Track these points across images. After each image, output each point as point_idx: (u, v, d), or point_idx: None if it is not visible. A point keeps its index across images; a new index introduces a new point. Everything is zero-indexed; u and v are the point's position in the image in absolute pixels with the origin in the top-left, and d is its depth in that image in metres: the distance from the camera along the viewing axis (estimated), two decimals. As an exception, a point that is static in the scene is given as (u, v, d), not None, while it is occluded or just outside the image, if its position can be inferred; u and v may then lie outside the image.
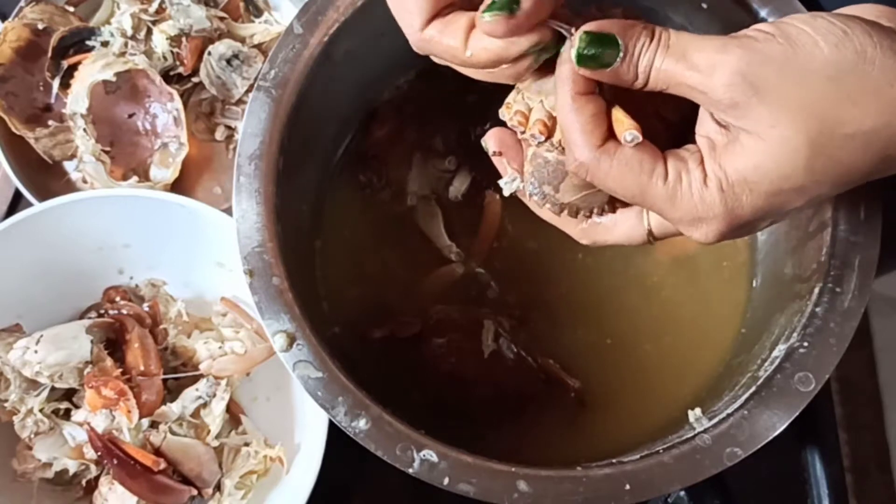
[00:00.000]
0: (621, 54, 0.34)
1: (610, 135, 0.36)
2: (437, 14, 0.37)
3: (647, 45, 0.35)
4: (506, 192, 0.43)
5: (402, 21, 0.38)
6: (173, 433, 0.60)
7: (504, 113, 0.41)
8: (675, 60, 0.34)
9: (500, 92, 0.42)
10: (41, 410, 0.61)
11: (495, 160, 0.43)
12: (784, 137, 0.32)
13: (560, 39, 0.37)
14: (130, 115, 0.71)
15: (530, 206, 0.43)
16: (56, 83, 0.69)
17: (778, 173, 0.33)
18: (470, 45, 0.36)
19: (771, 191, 0.34)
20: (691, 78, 0.34)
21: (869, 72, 0.32)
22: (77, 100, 0.67)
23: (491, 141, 0.42)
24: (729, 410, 0.47)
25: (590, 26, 0.35)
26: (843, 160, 0.33)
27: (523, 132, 0.40)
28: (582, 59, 0.35)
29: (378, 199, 0.63)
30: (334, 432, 0.54)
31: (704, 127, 0.36)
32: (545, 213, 0.43)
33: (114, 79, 0.67)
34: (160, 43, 0.69)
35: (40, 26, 0.68)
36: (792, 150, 0.33)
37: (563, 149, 0.38)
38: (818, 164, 0.33)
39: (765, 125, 0.33)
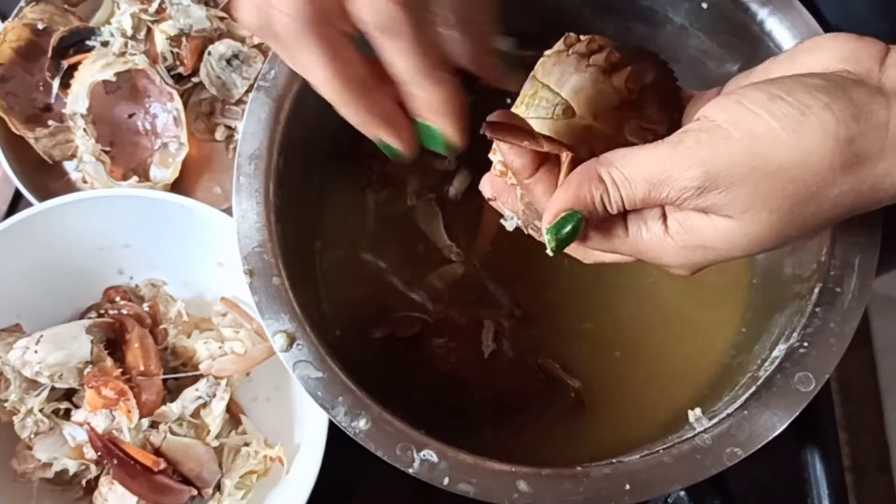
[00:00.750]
0: (584, 222, 0.35)
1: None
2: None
3: (605, 194, 0.35)
4: (509, 228, 0.44)
5: None
6: (173, 433, 0.60)
7: (492, 157, 0.43)
8: (635, 189, 0.34)
9: (501, 92, 0.42)
10: (41, 410, 0.61)
11: (492, 204, 0.44)
12: (756, 218, 0.33)
13: None
14: (130, 115, 0.71)
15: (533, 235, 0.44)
16: (56, 83, 0.69)
17: (748, 246, 0.34)
18: None
19: (738, 254, 0.35)
20: (659, 194, 0.34)
21: (832, 147, 0.32)
22: (77, 100, 0.67)
23: (485, 188, 0.43)
24: (729, 410, 0.47)
25: (546, 219, 0.36)
26: (813, 223, 0.34)
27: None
28: (560, 247, 0.36)
29: (378, 199, 0.63)
30: (334, 432, 0.54)
31: None
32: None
33: (114, 79, 0.67)
34: (161, 43, 0.69)
35: (40, 26, 0.68)
36: (764, 228, 0.33)
37: None
38: (790, 231, 0.34)
39: (737, 211, 0.33)
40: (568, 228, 0.35)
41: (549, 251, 0.36)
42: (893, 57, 0.34)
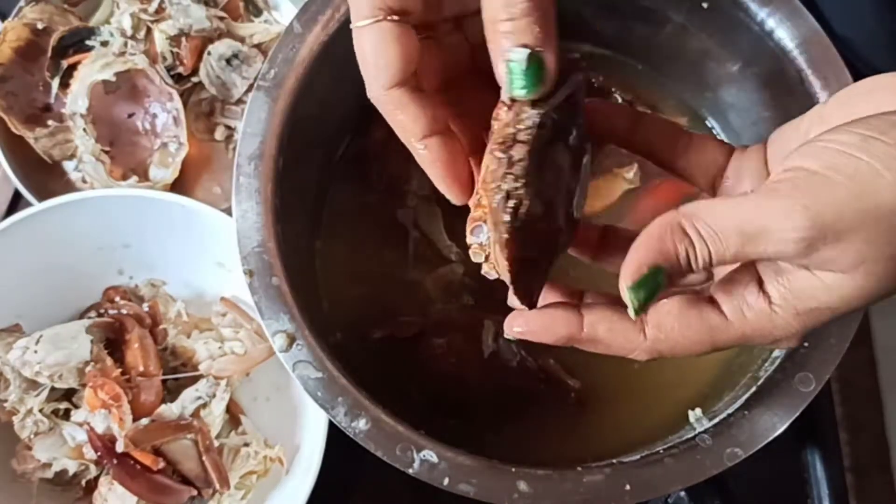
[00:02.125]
0: (666, 280, 0.31)
1: (638, 319, 0.33)
2: (406, 81, 0.34)
3: (690, 248, 0.31)
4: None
5: (367, 69, 0.34)
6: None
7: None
8: (727, 244, 0.30)
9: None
10: (41, 410, 0.60)
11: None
12: (872, 270, 0.29)
13: None
14: (130, 115, 0.71)
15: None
16: (55, 83, 0.68)
17: (865, 300, 0.31)
18: (430, 145, 0.35)
19: (854, 308, 0.32)
20: (755, 248, 0.30)
21: None
22: (76, 99, 0.67)
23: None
24: (729, 411, 0.47)
25: (628, 277, 0.31)
26: None
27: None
28: (642, 308, 0.32)
29: (378, 199, 0.63)
30: (334, 432, 0.54)
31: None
32: None
33: (113, 78, 0.67)
34: (161, 43, 0.69)
35: (40, 26, 0.68)
36: (880, 280, 0.30)
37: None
38: None
39: (849, 265, 0.29)
40: (651, 286, 0.31)
41: (631, 313, 0.32)
42: None
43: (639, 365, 0.59)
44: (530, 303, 0.35)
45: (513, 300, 0.35)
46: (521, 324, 0.35)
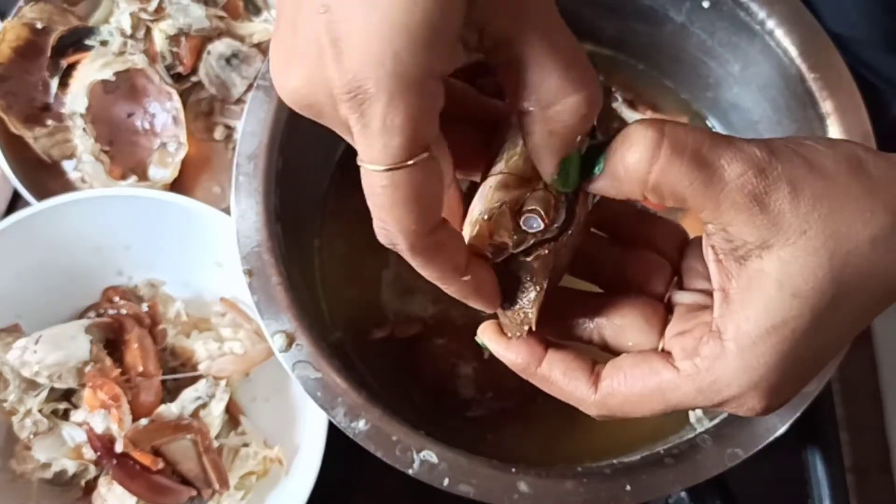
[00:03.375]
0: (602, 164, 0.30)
1: (595, 371, 0.32)
2: (439, 223, 0.29)
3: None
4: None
5: (409, 217, 0.28)
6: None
7: None
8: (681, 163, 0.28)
9: (500, 92, 0.42)
10: (40, 411, 0.60)
11: None
12: (810, 248, 0.28)
13: None
14: (129, 115, 0.71)
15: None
16: (55, 82, 0.68)
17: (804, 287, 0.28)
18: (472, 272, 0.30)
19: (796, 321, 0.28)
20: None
21: (870, 173, 0.29)
22: (76, 99, 0.67)
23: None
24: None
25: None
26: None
27: None
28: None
29: (378, 199, 0.63)
30: (334, 432, 0.54)
31: (714, 280, 0.30)
32: None
33: (113, 78, 0.67)
34: (160, 43, 0.69)
35: (39, 25, 0.68)
36: (818, 263, 0.28)
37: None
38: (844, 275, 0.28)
39: (795, 232, 0.28)
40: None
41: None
42: None
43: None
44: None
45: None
46: (491, 337, 0.34)
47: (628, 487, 0.45)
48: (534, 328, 0.32)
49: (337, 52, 0.25)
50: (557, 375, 0.32)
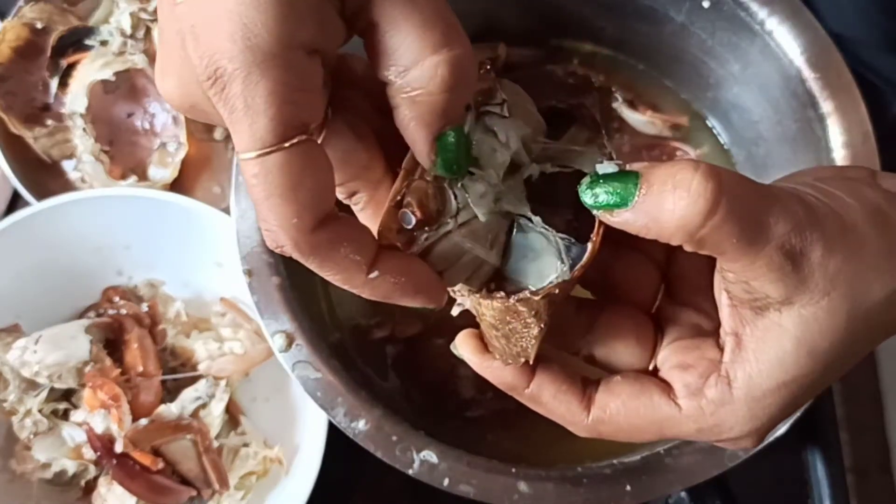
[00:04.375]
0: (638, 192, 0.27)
1: (591, 393, 0.31)
2: (332, 213, 0.26)
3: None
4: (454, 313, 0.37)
5: (282, 210, 0.25)
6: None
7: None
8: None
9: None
10: (40, 411, 0.60)
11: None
12: (832, 309, 0.27)
13: None
14: (129, 115, 0.70)
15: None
16: (55, 82, 0.68)
17: (820, 347, 0.28)
18: (381, 269, 0.27)
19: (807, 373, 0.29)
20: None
21: (892, 228, 0.28)
22: (76, 99, 0.67)
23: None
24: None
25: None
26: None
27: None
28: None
29: (378, 199, 0.63)
30: (334, 433, 0.54)
31: (725, 322, 0.30)
32: None
33: (113, 78, 0.67)
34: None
35: (39, 25, 0.68)
36: (835, 325, 0.28)
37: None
38: (858, 334, 0.28)
39: (820, 293, 0.27)
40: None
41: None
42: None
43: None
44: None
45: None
46: (472, 352, 0.32)
47: (628, 487, 0.45)
48: (530, 363, 0.30)
49: (195, 38, 0.24)
50: (547, 397, 0.31)
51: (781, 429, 0.46)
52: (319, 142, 0.28)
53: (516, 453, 0.50)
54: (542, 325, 0.29)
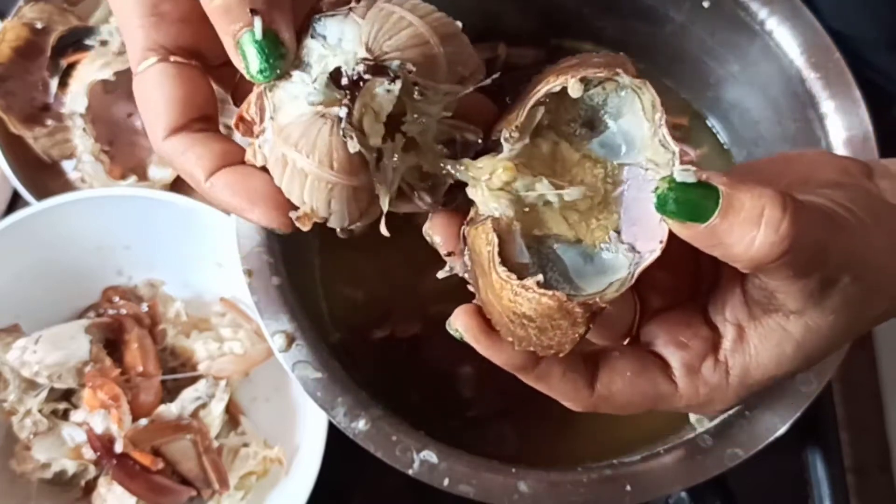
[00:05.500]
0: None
1: (593, 370, 0.31)
2: (186, 126, 0.30)
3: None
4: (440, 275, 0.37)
5: (145, 119, 0.31)
6: (172, 433, 0.60)
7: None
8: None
9: (500, 92, 0.42)
10: (40, 411, 0.60)
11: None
12: (836, 325, 0.29)
13: None
14: (129, 115, 0.70)
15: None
16: (55, 82, 0.68)
17: (813, 353, 0.30)
18: (216, 180, 0.31)
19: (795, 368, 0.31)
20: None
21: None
22: (76, 99, 0.67)
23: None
24: (730, 411, 0.47)
25: None
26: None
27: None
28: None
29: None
30: (334, 433, 0.54)
31: (729, 311, 0.31)
32: None
33: (112, 78, 0.67)
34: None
35: (39, 25, 0.68)
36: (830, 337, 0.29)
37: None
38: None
39: (831, 311, 0.28)
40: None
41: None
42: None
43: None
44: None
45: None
46: (475, 330, 0.32)
47: (628, 487, 0.45)
48: (559, 357, 0.30)
49: None
50: (556, 377, 0.31)
51: (781, 429, 0.46)
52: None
53: (516, 453, 0.50)
54: (590, 327, 0.28)
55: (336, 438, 0.54)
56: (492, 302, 0.30)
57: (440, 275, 0.32)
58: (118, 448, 0.57)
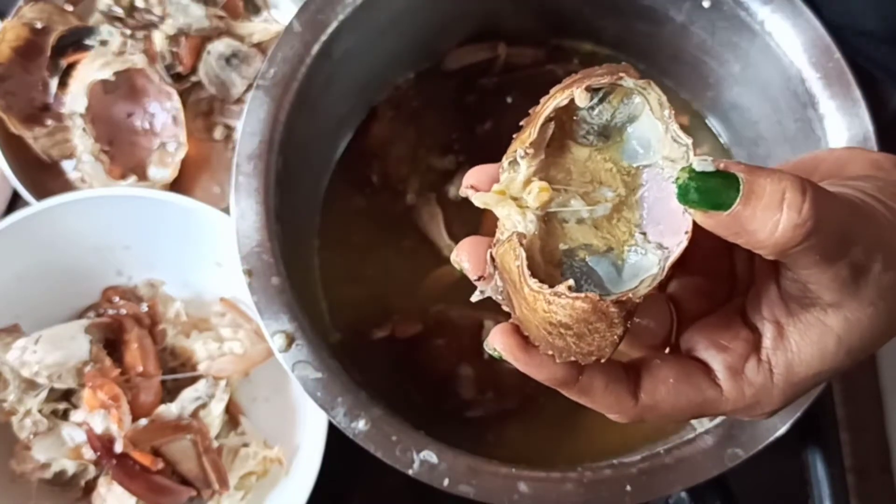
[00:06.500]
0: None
1: (635, 379, 0.31)
2: None
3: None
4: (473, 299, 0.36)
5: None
6: (172, 433, 0.60)
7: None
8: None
9: (500, 92, 0.42)
10: (40, 411, 0.60)
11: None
12: (876, 316, 0.29)
13: None
14: (129, 115, 0.70)
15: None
16: (54, 82, 0.68)
17: (861, 347, 0.30)
18: None
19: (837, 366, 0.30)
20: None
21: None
22: (76, 99, 0.67)
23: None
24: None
25: None
26: None
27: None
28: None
29: (378, 199, 0.63)
30: (334, 433, 0.54)
31: (767, 309, 0.31)
32: None
33: (112, 78, 0.67)
34: (160, 43, 0.69)
35: (39, 25, 0.68)
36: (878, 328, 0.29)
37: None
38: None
39: (869, 302, 0.28)
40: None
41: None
42: None
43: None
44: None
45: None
46: (514, 348, 0.31)
47: (628, 487, 0.45)
48: (602, 362, 0.29)
49: None
50: (599, 389, 0.31)
51: (781, 429, 0.46)
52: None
53: (516, 453, 0.49)
54: (628, 326, 0.28)
55: (336, 438, 0.54)
56: (527, 317, 0.30)
57: (473, 299, 0.32)
58: (118, 448, 0.57)
